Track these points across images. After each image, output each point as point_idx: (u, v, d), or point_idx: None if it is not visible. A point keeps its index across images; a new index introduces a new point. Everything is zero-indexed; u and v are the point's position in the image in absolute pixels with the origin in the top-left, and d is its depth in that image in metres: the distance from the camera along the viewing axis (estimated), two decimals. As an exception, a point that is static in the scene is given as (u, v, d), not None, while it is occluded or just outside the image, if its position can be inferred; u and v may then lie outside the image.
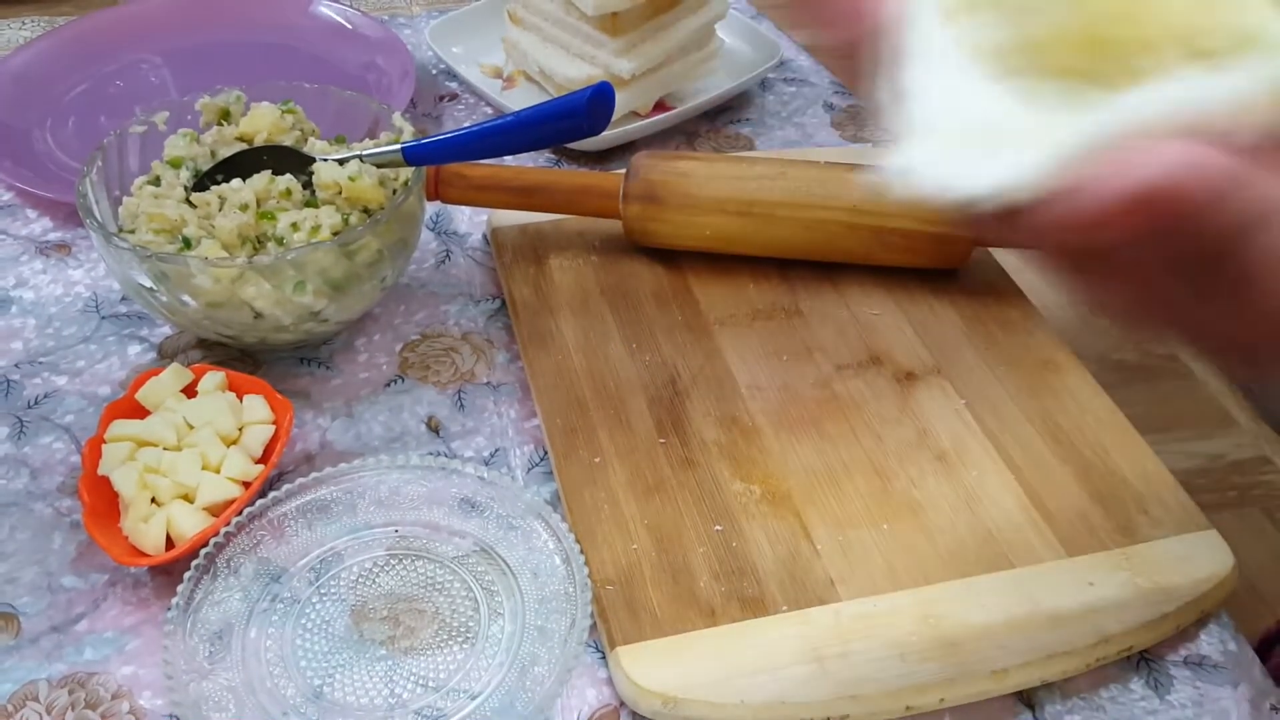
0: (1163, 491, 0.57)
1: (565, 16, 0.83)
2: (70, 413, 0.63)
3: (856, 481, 0.57)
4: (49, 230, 0.76)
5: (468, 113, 0.89)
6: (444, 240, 0.76)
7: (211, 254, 0.59)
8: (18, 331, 0.68)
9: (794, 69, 0.95)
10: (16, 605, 0.53)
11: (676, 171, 0.69)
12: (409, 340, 0.68)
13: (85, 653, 0.51)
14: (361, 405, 0.64)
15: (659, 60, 0.83)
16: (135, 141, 0.66)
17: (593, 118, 0.60)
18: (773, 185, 0.68)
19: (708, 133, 0.87)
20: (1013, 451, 0.59)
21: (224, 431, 0.57)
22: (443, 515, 0.55)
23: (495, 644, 0.50)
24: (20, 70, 0.86)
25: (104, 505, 0.54)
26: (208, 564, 0.52)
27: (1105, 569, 0.53)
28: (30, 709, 0.49)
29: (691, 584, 0.52)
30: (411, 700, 0.49)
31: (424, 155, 0.62)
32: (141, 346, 0.67)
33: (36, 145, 0.82)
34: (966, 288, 0.70)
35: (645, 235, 0.71)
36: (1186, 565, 0.54)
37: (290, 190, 0.62)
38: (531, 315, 0.67)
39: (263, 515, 0.54)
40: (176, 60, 0.90)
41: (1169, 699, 0.51)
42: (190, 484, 0.54)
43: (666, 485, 0.57)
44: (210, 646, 0.50)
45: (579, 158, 0.83)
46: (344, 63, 0.90)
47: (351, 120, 0.69)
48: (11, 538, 0.56)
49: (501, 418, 0.63)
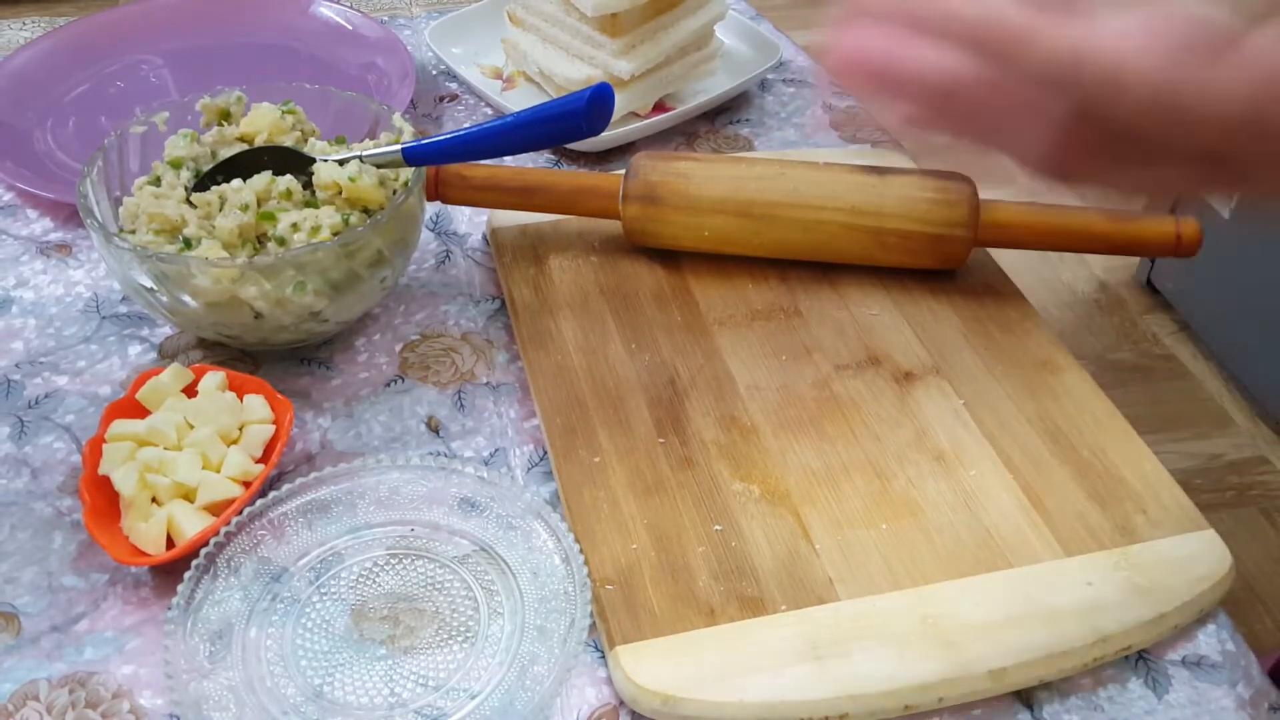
0: (1161, 491, 0.57)
1: (565, 17, 0.83)
2: (71, 412, 0.63)
3: (855, 481, 0.57)
4: (50, 230, 0.76)
5: (467, 113, 0.89)
6: (444, 241, 0.76)
7: (212, 254, 0.59)
8: (18, 331, 0.68)
9: (793, 70, 0.95)
10: (17, 605, 0.53)
11: (676, 172, 0.70)
12: (409, 340, 0.68)
13: (85, 652, 0.52)
14: (361, 405, 0.64)
15: (658, 61, 0.83)
16: (136, 142, 0.67)
17: (592, 118, 0.60)
18: (772, 186, 0.68)
19: (707, 133, 0.87)
20: (1011, 451, 0.59)
21: (224, 431, 0.57)
22: (443, 515, 0.56)
23: (495, 643, 0.51)
24: (21, 70, 0.86)
25: (104, 505, 0.55)
26: (208, 563, 0.52)
27: (1103, 569, 0.53)
28: (30, 708, 0.49)
29: (691, 583, 0.52)
30: (411, 700, 0.49)
31: (424, 156, 0.62)
32: (142, 346, 0.67)
33: (37, 145, 0.82)
34: (965, 288, 0.70)
35: (645, 236, 0.71)
36: (1184, 565, 0.54)
37: (290, 191, 0.62)
38: (531, 315, 0.67)
39: (263, 515, 0.54)
40: (177, 61, 0.90)
41: (1167, 699, 0.51)
42: (190, 484, 0.55)
43: (666, 485, 0.57)
44: (210, 646, 0.50)
45: (579, 158, 0.83)
46: (344, 63, 0.90)
47: (351, 121, 0.69)
48: (12, 537, 0.56)
49: (501, 418, 0.63)
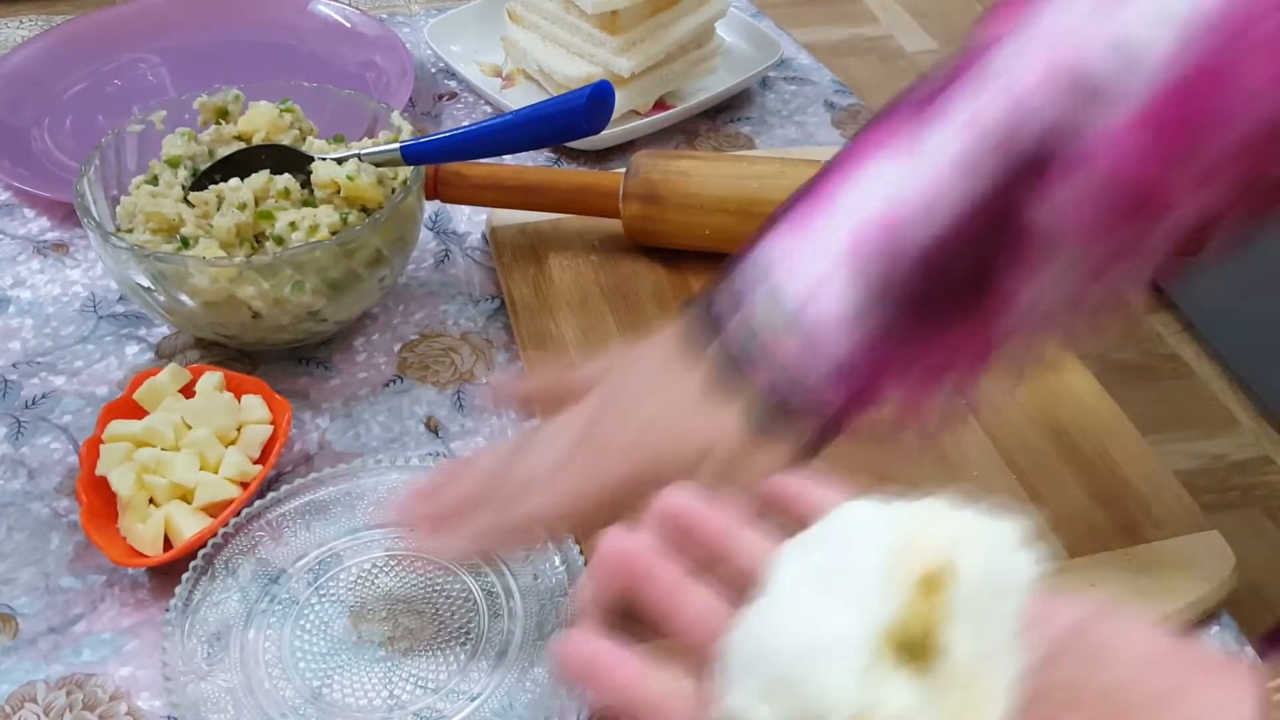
0: (1164, 492, 0.57)
1: (565, 15, 0.83)
2: (68, 413, 0.63)
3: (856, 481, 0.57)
4: (46, 230, 0.76)
5: (466, 111, 0.89)
6: (443, 240, 0.75)
7: (209, 253, 0.59)
8: (15, 331, 0.68)
9: (794, 67, 0.94)
10: (14, 606, 0.53)
11: (677, 171, 0.69)
12: (408, 340, 0.68)
13: (83, 654, 0.51)
14: (360, 405, 0.63)
15: (659, 58, 0.83)
16: (133, 140, 0.66)
17: (592, 116, 0.60)
18: (773, 184, 0.68)
19: (708, 131, 0.87)
20: (1013, 451, 0.59)
21: (222, 432, 0.57)
22: (442, 516, 0.55)
23: (494, 645, 0.50)
24: (18, 69, 0.86)
25: (102, 506, 0.54)
26: (206, 565, 0.52)
27: (1107, 570, 0.53)
28: (28, 710, 0.49)
29: (691, 585, 0.52)
30: (410, 701, 0.48)
31: (423, 154, 0.62)
32: (139, 346, 0.67)
33: (34, 144, 0.81)
34: (967, 287, 0.69)
35: (645, 235, 0.70)
36: (1188, 566, 0.53)
37: (288, 189, 0.62)
38: (531, 315, 0.67)
39: (261, 516, 0.54)
40: (174, 59, 0.90)
41: (1171, 700, 0.50)
42: (188, 484, 0.54)
43: (666, 485, 0.57)
44: (208, 648, 0.50)
45: (578, 157, 0.83)
46: (342, 61, 0.90)
47: (350, 119, 0.69)
48: (9, 538, 0.56)
49: (500, 418, 0.63)
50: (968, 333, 0.42)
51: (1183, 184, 0.39)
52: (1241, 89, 0.38)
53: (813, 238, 0.43)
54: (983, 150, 0.40)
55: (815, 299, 0.42)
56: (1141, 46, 0.38)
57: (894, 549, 0.29)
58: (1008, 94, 0.40)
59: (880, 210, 0.41)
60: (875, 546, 0.30)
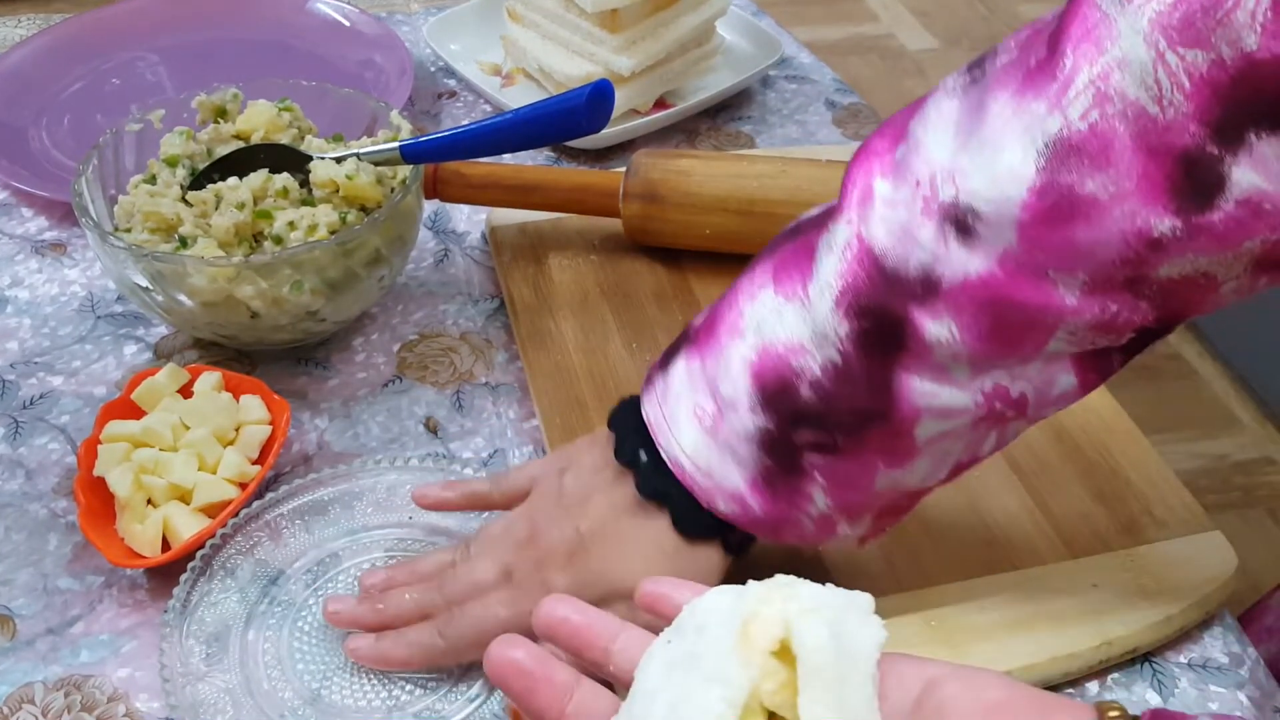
0: (1166, 492, 0.57)
1: (565, 13, 0.83)
2: (66, 413, 0.62)
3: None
4: (44, 229, 0.76)
5: (466, 110, 0.89)
6: (442, 239, 0.75)
7: (207, 253, 0.59)
8: (13, 331, 0.68)
9: (795, 66, 0.94)
10: (12, 607, 0.53)
11: (677, 170, 0.69)
12: (407, 340, 0.68)
13: (81, 655, 0.51)
14: (359, 406, 0.63)
15: (659, 57, 0.83)
16: (131, 140, 0.66)
17: (592, 115, 0.59)
18: (774, 184, 0.68)
19: (708, 130, 0.87)
20: (1015, 452, 0.59)
21: (220, 432, 0.56)
22: (441, 517, 0.55)
23: (494, 646, 0.50)
24: (15, 68, 0.86)
25: (100, 506, 0.54)
26: (204, 566, 0.51)
27: (1109, 570, 0.53)
28: (26, 711, 0.49)
29: (692, 586, 0.52)
30: (410, 702, 0.48)
31: (422, 153, 0.62)
32: (137, 346, 0.67)
33: (32, 144, 0.81)
34: (968, 286, 0.69)
35: (645, 234, 0.70)
36: (1190, 566, 0.53)
37: (287, 189, 0.62)
38: (531, 315, 0.67)
39: (259, 517, 0.54)
40: (173, 58, 0.90)
41: (1173, 701, 0.50)
42: (186, 485, 0.54)
43: (666, 486, 0.56)
44: (207, 649, 0.49)
45: (578, 156, 0.83)
46: (341, 60, 0.90)
47: (349, 118, 0.68)
48: (7, 539, 0.56)
49: (500, 418, 0.63)
50: (881, 442, 0.44)
51: (1069, 292, 0.40)
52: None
53: (716, 367, 0.45)
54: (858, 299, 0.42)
55: (716, 430, 0.45)
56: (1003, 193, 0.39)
57: (742, 625, 0.31)
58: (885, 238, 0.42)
59: (777, 346, 0.44)
60: (726, 628, 0.32)
